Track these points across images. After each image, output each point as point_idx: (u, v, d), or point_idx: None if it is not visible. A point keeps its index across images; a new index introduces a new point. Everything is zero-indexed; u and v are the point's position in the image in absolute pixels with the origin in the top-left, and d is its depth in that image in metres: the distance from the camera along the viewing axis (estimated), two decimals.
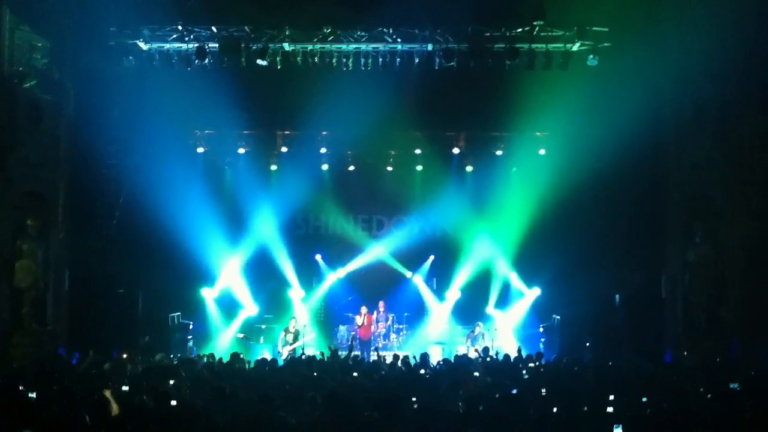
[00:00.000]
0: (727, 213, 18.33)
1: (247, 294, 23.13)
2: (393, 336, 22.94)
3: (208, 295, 22.72)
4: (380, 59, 19.14)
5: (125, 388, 11.38)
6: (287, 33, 18.79)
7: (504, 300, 23.33)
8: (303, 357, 17.23)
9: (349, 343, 21.14)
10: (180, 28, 18.81)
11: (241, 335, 22.06)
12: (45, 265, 18.23)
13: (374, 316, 22.52)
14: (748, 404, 9.20)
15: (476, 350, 18.67)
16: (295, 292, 23.62)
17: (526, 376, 13.98)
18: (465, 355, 17.98)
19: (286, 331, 20.94)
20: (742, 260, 18.10)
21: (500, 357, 16.78)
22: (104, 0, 18.14)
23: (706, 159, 18.44)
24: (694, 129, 18.49)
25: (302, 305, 23.61)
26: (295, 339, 20.77)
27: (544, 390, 11.42)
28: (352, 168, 23.84)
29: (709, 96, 18.24)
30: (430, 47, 18.97)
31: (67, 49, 18.36)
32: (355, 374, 13.71)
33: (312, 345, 21.29)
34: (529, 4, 18.36)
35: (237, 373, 13.95)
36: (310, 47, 18.96)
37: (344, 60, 19.14)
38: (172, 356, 17.49)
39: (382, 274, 24.03)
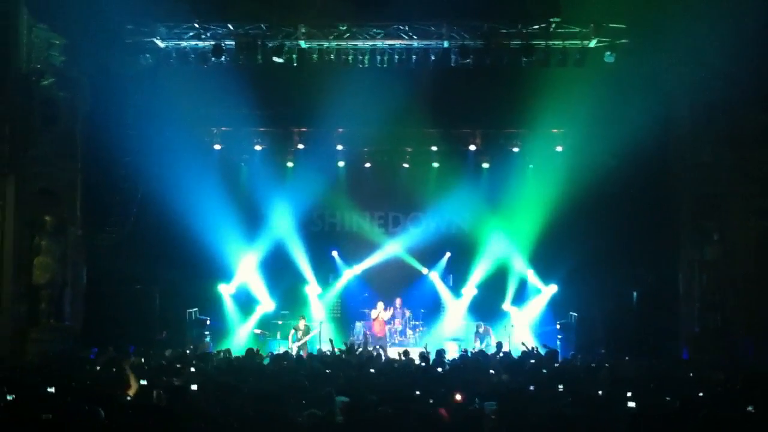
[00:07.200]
0: (736, 212, 18.21)
1: (264, 290, 23.21)
2: (409, 332, 22.97)
3: (225, 291, 22.84)
4: (396, 56, 19.03)
5: (143, 382, 11.44)
6: (303, 30, 18.74)
7: (520, 297, 23.27)
8: (317, 353, 17.24)
9: (363, 339, 21.18)
10: (196, 25, 18.79)
11: (258, 331, 22.21)
12: (62, 261, 18.34)
13: (390, 313, 22.53)
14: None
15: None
16: (312, 288, 23.67)
17: (544, 371, 13.95)
18: (481, 351, 17.96)
19: (296, 329, 21.03)
20: (751, 260, 17.97)
21: (517, 354, 16.76)
22: None
23: (715, 158, 18.33)
24: (704, 128, 18.39)
25: (318, 301, 23.68)
26: (306, 334, 20.85)
27: (561, 386, 11.41)
28: (368, 165, 23.84)
29: (719, 95, 18.13)
30: (446, 44, 18.87)
31: (83, 46, 18.41)
32: (372, 371, 13.75)
33: (324, 338, 21.24)
34: (545, 1, 18.24)
35: (252, 369, 13.98)
36: (326, 44, 18.93)
37: (360, 57, 19.04)
38: (188, 351, 17.56)
39: (399, 271, 24.03)
